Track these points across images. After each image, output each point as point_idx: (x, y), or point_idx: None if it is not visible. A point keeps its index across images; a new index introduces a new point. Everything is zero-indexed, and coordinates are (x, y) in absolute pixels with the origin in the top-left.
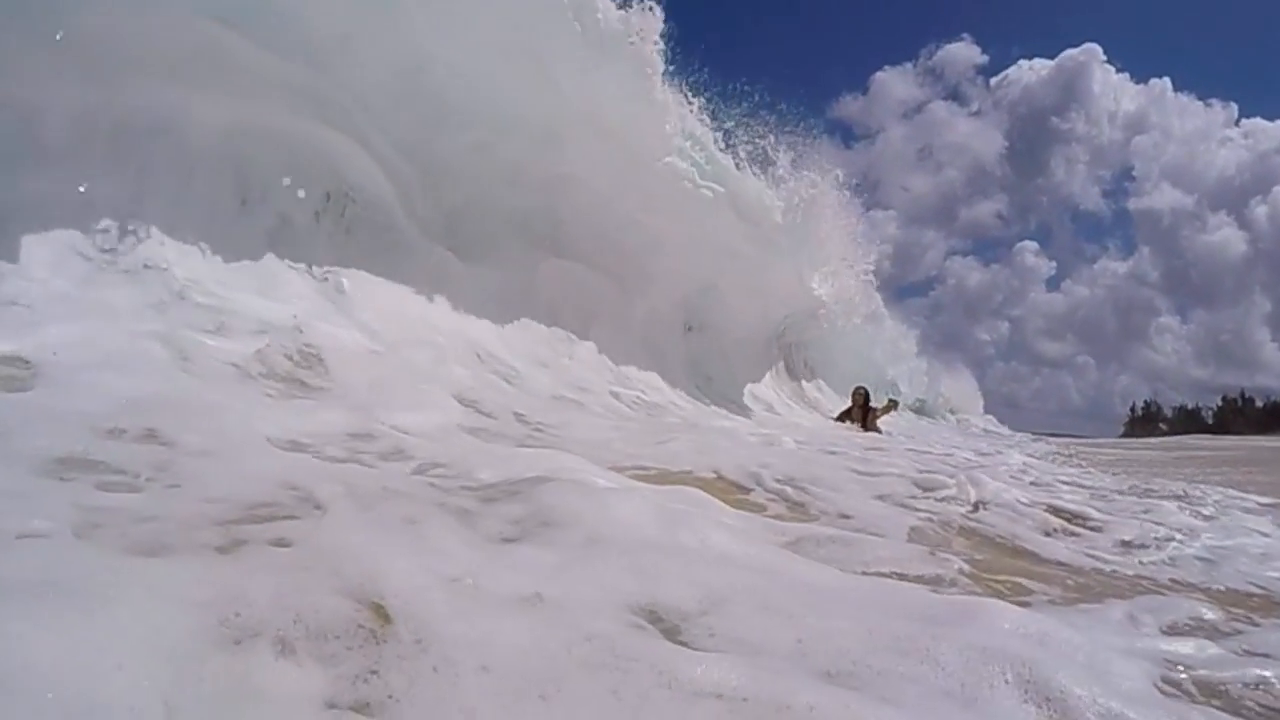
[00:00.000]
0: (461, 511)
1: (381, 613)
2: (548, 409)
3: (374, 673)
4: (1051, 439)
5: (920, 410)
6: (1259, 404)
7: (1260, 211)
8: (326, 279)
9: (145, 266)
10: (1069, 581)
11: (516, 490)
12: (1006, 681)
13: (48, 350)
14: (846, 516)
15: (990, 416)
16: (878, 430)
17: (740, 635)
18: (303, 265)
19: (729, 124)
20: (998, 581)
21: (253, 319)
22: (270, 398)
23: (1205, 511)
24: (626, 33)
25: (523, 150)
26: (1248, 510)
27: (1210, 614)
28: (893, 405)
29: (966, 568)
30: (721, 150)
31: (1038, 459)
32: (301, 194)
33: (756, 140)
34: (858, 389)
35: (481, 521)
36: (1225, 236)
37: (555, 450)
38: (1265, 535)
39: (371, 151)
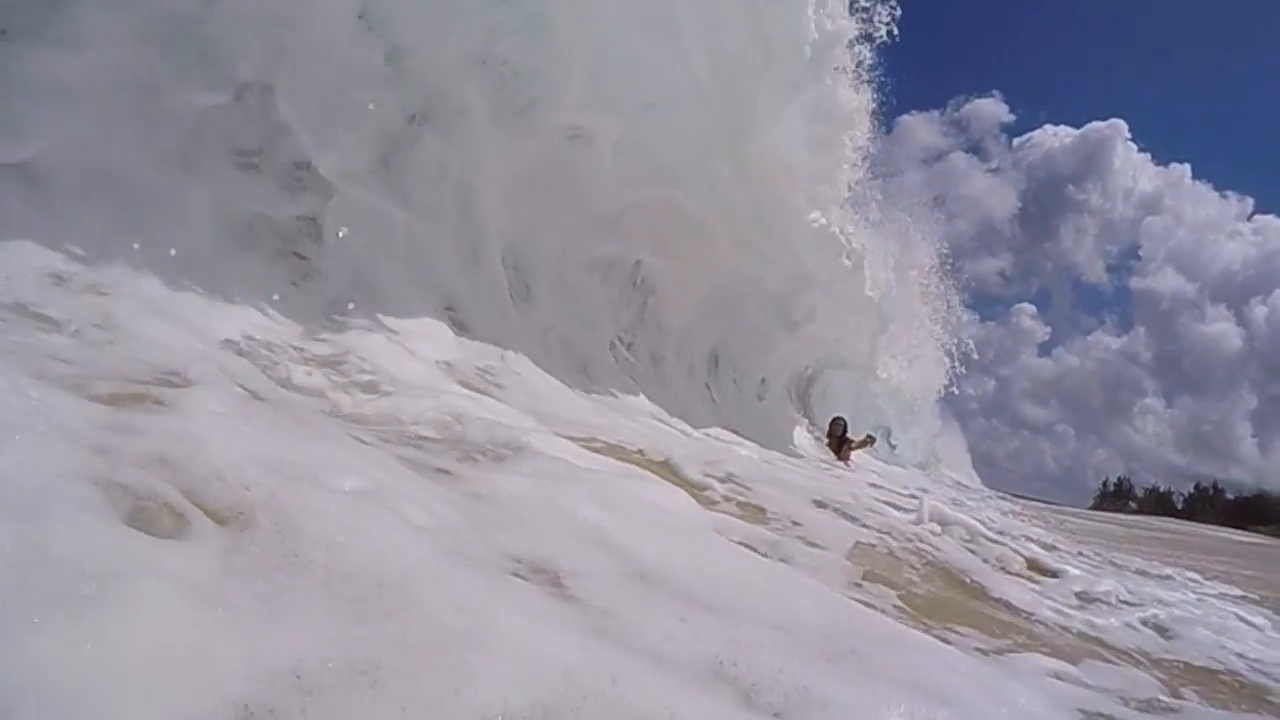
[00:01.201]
0: None
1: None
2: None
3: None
4: (1020, 499)
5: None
6: (1229, 496)
7: (1259, 311)
8: None
9: None
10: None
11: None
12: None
13: None
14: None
15: (973, 473)
16: (847, 462)
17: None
18: None
19: None
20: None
21: None
22: None
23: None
24: None
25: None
26: (1206, 594)
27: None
28: (870, 441)
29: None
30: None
31: (1003, 514)
32: None
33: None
34: (836, 419)
35: None
36: (1222, 329)
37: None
38: (1217, 619)
39: None
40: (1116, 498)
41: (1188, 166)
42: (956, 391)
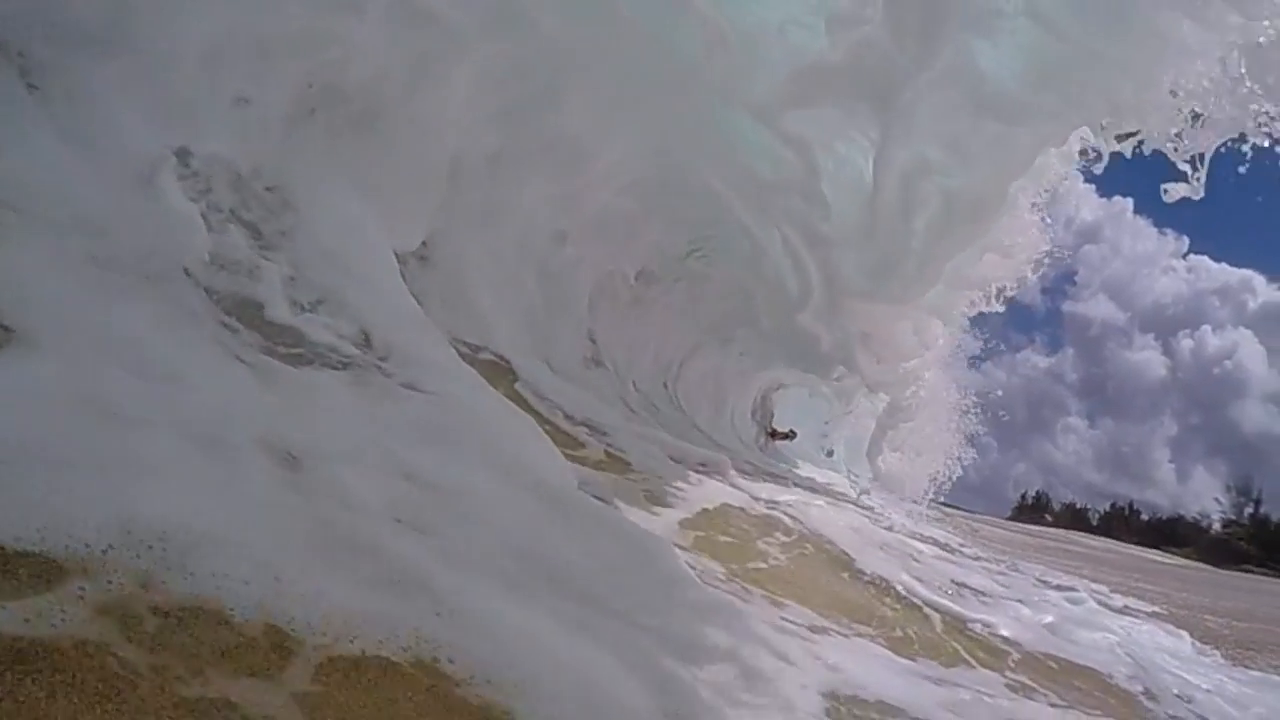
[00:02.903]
0: None
1: None
2: None
3: None
4: (940, 506)
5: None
6: (1144, 517)
7: (1186, 344)
8: None
9: None
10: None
11: None
12: None
13: None
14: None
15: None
16: (770, 442)
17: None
18: None
19: None
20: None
21: None
22: None
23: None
24: None
25: None
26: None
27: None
28: (790, 435)
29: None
30: None
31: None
32: None
33: None
34: (757, 417)
35: None
36: (1148, 358)
37: None
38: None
39: None
40: (1034, 510)
41: (1130, 201)
42: None
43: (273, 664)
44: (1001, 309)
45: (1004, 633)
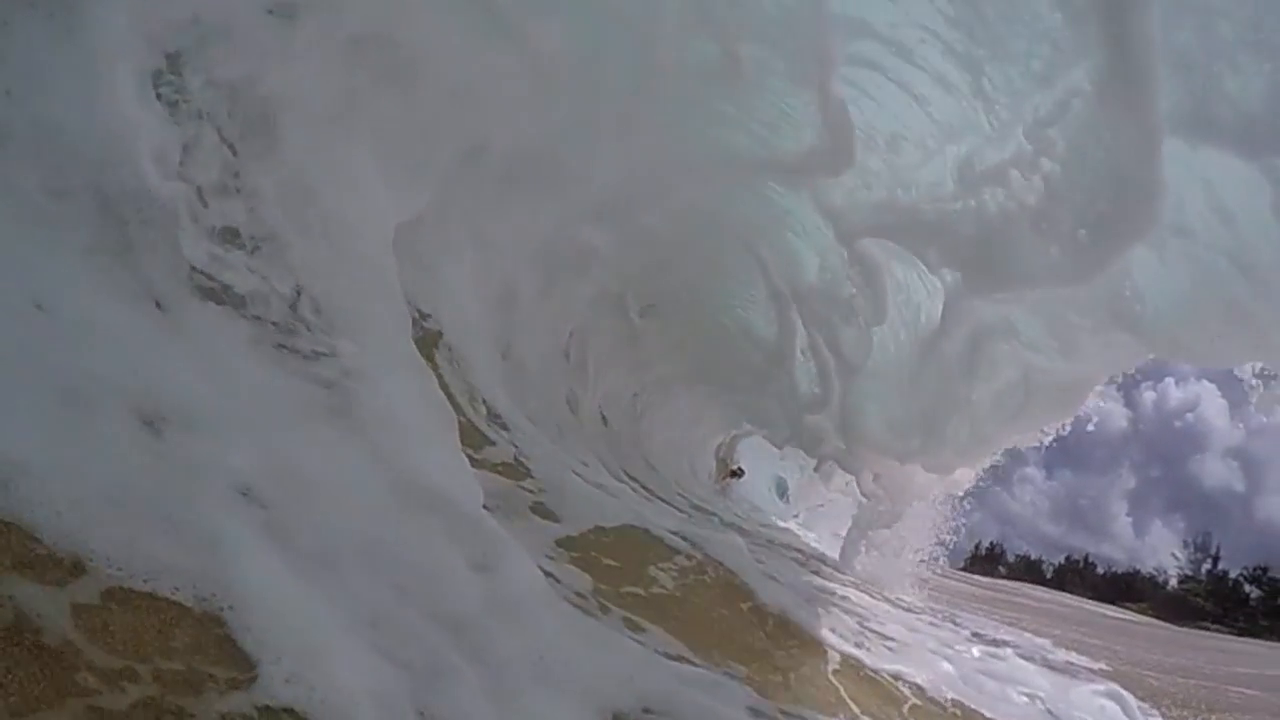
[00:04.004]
0: None
1: None
2: None
3: None
4: None
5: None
6: (1099, 571)
7: (1148, 396)
8: None
9: None
10: None
11: None
12: None
13: None
14: None
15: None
16: (724, 483)
17: None
18: None
19: None
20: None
21: None
22: None
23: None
24: None
25: None
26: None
27: None
28: (738, 473)
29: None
30: None
31: None
32: None
33: None
34: (722, 459)
35: None
36: (1109, 409)
37: None
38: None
39: None
40: (988, 560)
41: None
42: None
43: (64, 579)
44: None
45: (905, 680)
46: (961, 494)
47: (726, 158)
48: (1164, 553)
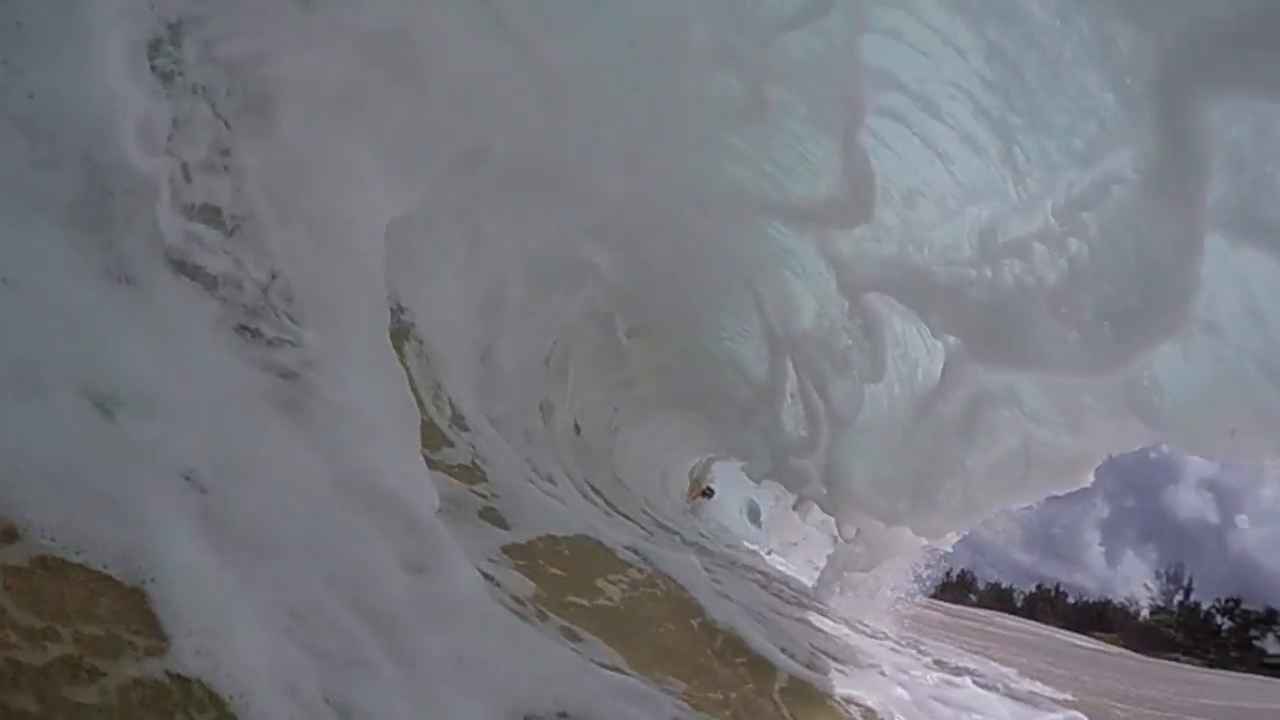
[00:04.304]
0: None
1: None
2: None
3: None
4: None
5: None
6: (1070, 600)
7: None
8: None
9: None
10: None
11: None
12: None
13: None
14: None
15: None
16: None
17: None
18: None
19: None
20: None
21: None
22: None
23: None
24: None
25: None
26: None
27: None
28: (708, 493)
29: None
30: None
31: None
32: None
33: None
34: (695, 480)
35: None
36: None
37: None
38: None
39: None
40: (959, 588)
41: None
42: None
43: None
44: None
45: (856, 704)
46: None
47: (736, 194)
48: (1136, 583)
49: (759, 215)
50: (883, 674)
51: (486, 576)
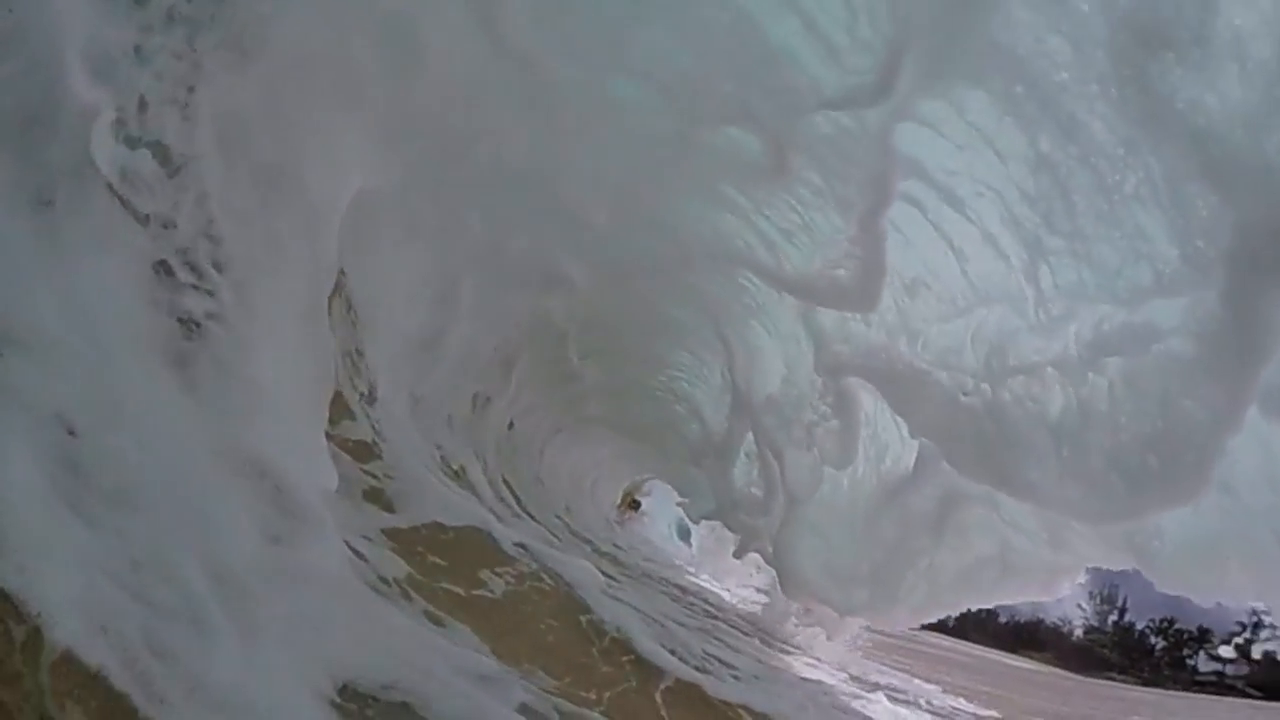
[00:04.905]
0: None
1: None
2: None
3: None
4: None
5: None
6: (1002, 620)
7: None
8: None
9: None
10: None
11: None
12: None
13: None
14: None
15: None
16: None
17: None
18: None
19: None
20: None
21: None
22: None
23: None
24: None
25: None
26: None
27: None
28: (634, 505)
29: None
30: None
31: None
32: None
33: None
34: (627, 492)
35: None
36: None
37: None
38: None
39: None
40: None
41: None
42: None
43: None
44: None
45: (749, 710)
46: None
47: (725, 246)
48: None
49: (743, 271)
50: (787, 685)
51: (357, 554)
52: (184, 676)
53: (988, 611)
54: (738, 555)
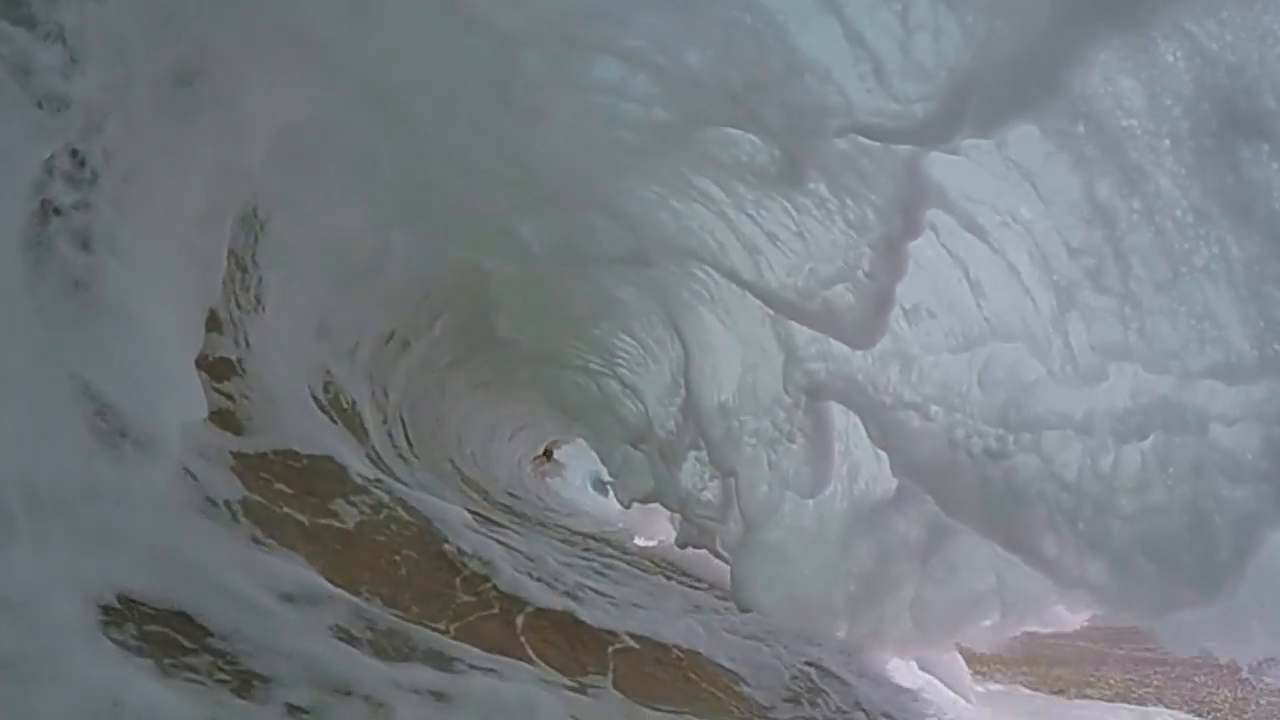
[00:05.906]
0: None
1: None
2: None
3: None
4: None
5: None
6: None
7: None
8: None
9: None
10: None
11: None
12: None
13: None
14: None
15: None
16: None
17: None
18: None
19: None
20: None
21: None
22: None
23: None
24: None
25: None
26: None
27: None
28: (547, 454)
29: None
30: None
31: None
32: None
33: None
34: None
35: None
36: None
37: None
38: None
39: None
40: None
41: None
42: None
43: None
44: None
45: (630, 634)
46: None
47: (693, 246)
48: None
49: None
50: (674, 614)
51: (190, 474)
52: None
53: None
54: (680, 545)
